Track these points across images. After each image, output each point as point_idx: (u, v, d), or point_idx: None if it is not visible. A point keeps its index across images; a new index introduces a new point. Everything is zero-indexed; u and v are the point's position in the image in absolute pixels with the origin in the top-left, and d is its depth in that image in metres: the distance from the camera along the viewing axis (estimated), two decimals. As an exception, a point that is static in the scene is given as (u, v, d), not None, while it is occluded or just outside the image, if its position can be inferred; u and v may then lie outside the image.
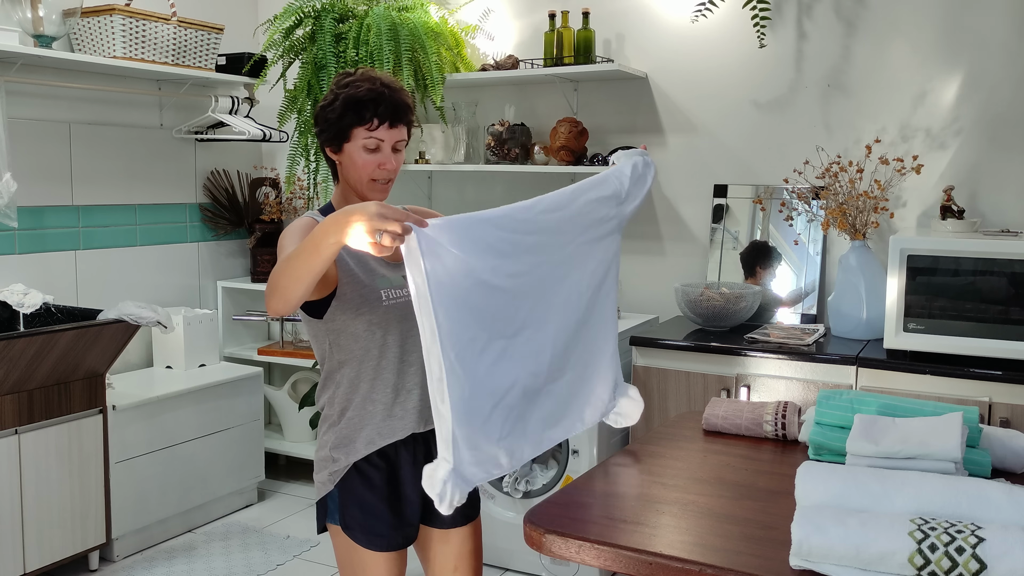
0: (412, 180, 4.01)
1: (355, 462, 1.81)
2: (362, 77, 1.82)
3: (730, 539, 1.43)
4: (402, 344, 1.82)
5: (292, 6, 3.45)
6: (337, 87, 1.82)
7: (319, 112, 1.84)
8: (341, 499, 1.82)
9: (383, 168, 1.81)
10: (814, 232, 3.20)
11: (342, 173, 1.86)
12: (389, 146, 1.81)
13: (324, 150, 1.87)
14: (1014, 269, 2.52)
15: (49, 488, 3.00)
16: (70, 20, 3.35)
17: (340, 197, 1.89)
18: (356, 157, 1.80)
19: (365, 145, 1.79)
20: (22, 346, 2.78)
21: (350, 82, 1.81)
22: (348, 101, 1.78)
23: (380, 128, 1.79)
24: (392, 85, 1.83)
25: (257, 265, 4.16)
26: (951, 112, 3.02)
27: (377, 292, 1.78)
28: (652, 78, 3.48)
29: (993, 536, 1.25)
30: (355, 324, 1.78)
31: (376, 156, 1.80)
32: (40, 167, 3.44)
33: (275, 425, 4.32)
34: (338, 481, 1.82)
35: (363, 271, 1.79)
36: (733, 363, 2.82)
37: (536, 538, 1.48)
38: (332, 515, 1.85)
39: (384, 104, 1.78)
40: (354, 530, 1.82)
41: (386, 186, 1.85)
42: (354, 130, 1.79)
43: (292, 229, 1.75)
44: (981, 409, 2.46)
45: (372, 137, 1.79)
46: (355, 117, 1.78)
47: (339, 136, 1.81)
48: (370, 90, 1.78)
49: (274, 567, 3.24)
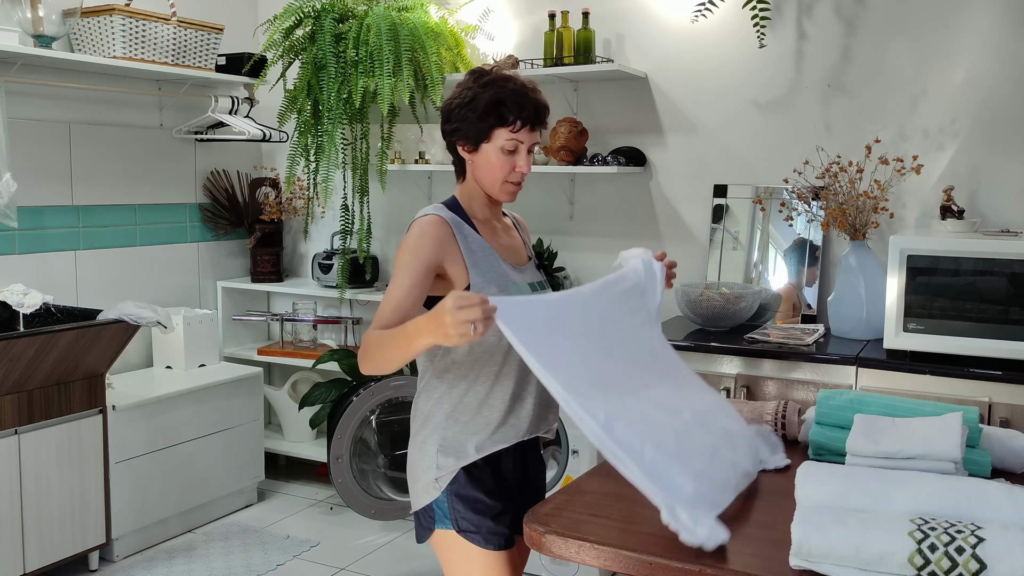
0: (412, 180, 4.01)
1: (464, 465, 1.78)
2: (502, 76, 1.80)
3: (730, 539, 1.43)
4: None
5: (292, 6, 3.45)
6: (477, 85, 1.79)
7: (453, 109, 1.81)
8: (451, 503, 1.77)
9: (518, 170, 1.81)
10: (814, 232, 3.20)
11: (472, 172, 1.84)
12: (526, 148, 1.81)
13: (456, 146, 1.84)
14: (1014, 269, 2.52)
15: (49, 488, 3.00)
16: (70, 20, 3.35)
17: (466, 196, 1.87)
18: (493, 158, 1.79)
19: (504, 147, 1.78)
20: (22, 346, 2.78)
21: (490, 81, 1.79)
22: (492, 101, 1.77)
23: (522, 130, 1.78)
24: (533, 86, 1.82)
25: (257, 265, 4.16)
26: (951, 112, 3.02)
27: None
28: (652, 78, 3.48)
29: (993, 536, 1.25)
30: (481, 342, 1.75)
31: (512, 158, 1.80)
32: (40, 167, 3.44)
33: (275, 425, 4.32)
34: (446, 486, 1.77)
35: (497, 277, 1.79)
36: (733, 363, 2.82)
37: (536, 538, 1.48)
38: (442, 521, 1.79)
39: (528, 106, 1.78)
40: (471, 532, 1.76)
41: (516, 188, 1.84)
42: (496, 131, 1.78)
43: (420, 234, 1.73)
44: (981, 409, 2.45)
45: (513, 139, 1.78)
46: (498, 118, 1.77)
47: (478, 135, 1.79)
48: (514, 91, 1.77)
49: (274, 567, 3.24)
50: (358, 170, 3.65)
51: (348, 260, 3.70)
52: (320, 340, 4.26)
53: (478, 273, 1.77)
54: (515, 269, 1.85)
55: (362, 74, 3.37)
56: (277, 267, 4.19)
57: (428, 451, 1.79)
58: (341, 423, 3.38)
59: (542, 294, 1.65)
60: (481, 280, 1.77)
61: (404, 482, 3.53)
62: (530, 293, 1.83)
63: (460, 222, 1.82)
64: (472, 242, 1.81)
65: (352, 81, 3.39)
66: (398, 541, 3.49)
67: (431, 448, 1.79)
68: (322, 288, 3.95)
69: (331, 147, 3.45)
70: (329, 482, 3.90)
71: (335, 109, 3.42)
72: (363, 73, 3.37)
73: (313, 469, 4.22)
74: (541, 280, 1.94)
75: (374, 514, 3.43)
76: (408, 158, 3.82)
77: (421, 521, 1.83)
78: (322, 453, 3.89)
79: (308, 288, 4.01)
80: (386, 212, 4.09)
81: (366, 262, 3.81)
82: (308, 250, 4.32)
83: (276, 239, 4.21)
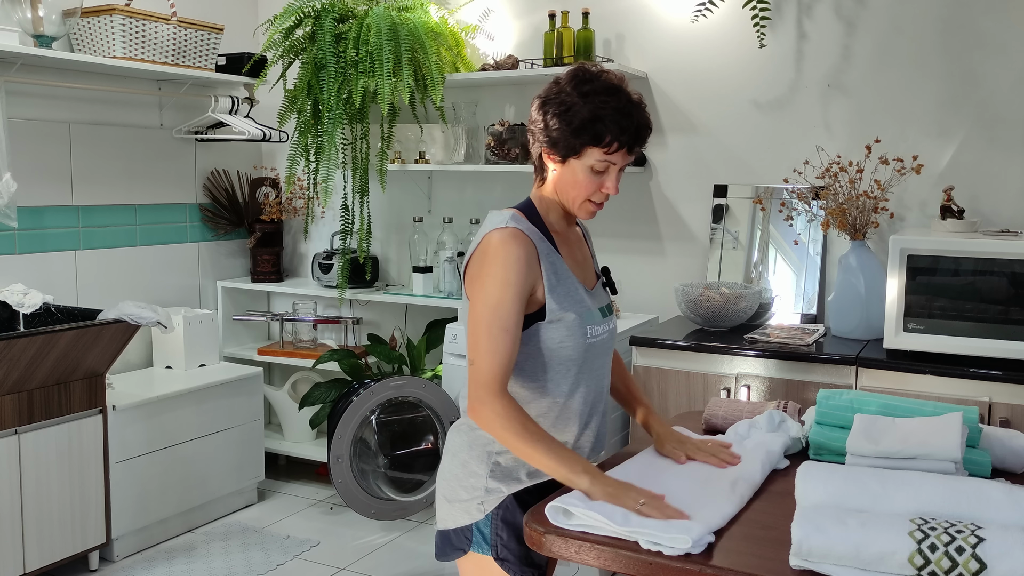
0: (412, 180, 4.01)
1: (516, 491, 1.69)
2: (606, 88, 1.63)
3: (730, 539, 1.43)
4: (597, 390, 1.75)
5: (292, 6, 3.45)
6: (578, 93, 1.63)
7: (545, 111, 1.66)
8: (495, 529, 1.67)
9: (604, 191, 1.67)
10: (814, 232, 3.20)
11: (554, 182, 1.69)
12: (618, 169, 1.66)
13: (539, 150, 1.70)
14: (1014, 269, 2.52)
15: (49, 488, 3.00)
16: (70, 20, 3.35)
17: (544, 204, 1.73)
18: (580, 175, 1.65)
19: (594, 166, 1.64)
20: (22, 346, 2.77)
21: (591, 92, 1.62)
22: (591, 118, 1.60)
23: (617, 153, 1.63)
24: (639, 100, 1.66)
25: (257, 265, 4.16)
26: (951, 112, 3.02)
27: (584, 328, 1.68)
28: (652, 78, 3.48)
29: (993, 536, 1.25)
30: (554, 354, 1.66)
31: (601, 178, 1.65)
32: (40, 167, 3.44)
33: (275, 425, 4.32)
34: (491, 511, 1.68)
35: (574, 304, 1.68)
36: (733, 363, 2.82)
37: (536, 538, 1.48)
38: (479, 545, 1.68)
39: (630, 129, 1.62)
40: (510, 562, 1.67)
41: (598, 208, 1.70)
42: (588, 149, 1.62)
43: (507, 259, 1.60)
44: (981, 409, 2.46)
45: (606, 160, 1.63)
46: (593, 137, 1.61)
47: (568, 150, 1.64)
48: (617, 110, 1.61)
49: (274, 567, 3.24)
50: (358, 170, 3.65)
51: (348, 260, 3.70)
52: (320, 340, 4.26)
53: (555, 299, 1.65)
54: (588, 293, 1.73)
55: (362, 74, 3.37)
56: (277, 267, 4.19)
57: (476, 472, 1.69)
58: (341, 423, 3.37)
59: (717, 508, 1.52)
60: (558, 308, 1.65)
61: (404, 482, 3.53)
62: (600, 319, 1.73)
63: (541, 236, 1.68)
64: (554, 263, 1.68)
65: (352, 81, 3.39)
66: (398, 541, 3.49)
67: (479, 470, 1.69)
68: (322, 288, 3.95)
69: (331, 147, 3.45)
70: (329, 482, 3.90)
71: (335, 109, 3.42)
72: (363, 73, 3.37)
73: (313, 469, 4.22)
74: (609, 303, 1.83)
75: (374, 514, 3.43)
76: (408, 158, 3.82)
77: (451, 541, 1.72)
78: (322, 453, 3.89)
79: (308, 288, 4.01)
80: (386, 212, 4.09)
81: (366, 262, 3.81)
82: (308, 250, 4.32)
83: (276, 239, 4.21)
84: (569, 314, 1.66)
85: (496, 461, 1.69)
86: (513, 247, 1.61)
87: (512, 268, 1.59)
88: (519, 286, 1.59)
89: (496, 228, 1.65)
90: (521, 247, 1.61)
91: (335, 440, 3.38)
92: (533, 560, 1.69)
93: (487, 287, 1.60)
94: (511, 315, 1.58)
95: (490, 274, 1.60)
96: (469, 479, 1.70)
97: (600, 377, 1.77)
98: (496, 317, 1.58)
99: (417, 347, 3.78)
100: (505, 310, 1.58)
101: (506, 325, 1.58)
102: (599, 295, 1.80)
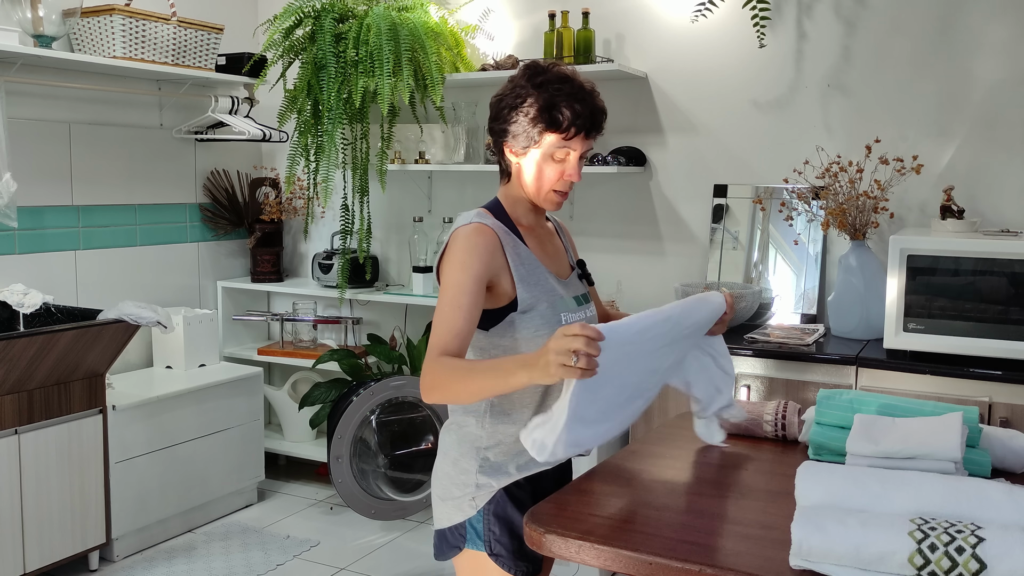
0: (412, 180, 4.01)
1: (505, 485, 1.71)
2: (558, 76, 1.66)
3: (730, 539, 1.43)
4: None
5: (292, 6, 3.45)
6: (531, 85, 1.66)
7: (503, 108, 1.69)
8: (488, 524, 1.69)
9: (566, 179, 1.69)
10: (814, 232, 3.20)
11: (518, 175, 1.73)
12: (578, 155, 1.68)
13: (501, 146, 1.72)
14: (1014, 269, 2.52)
15: (49, 488, 3.00)
16: (70, 20, 3.35)
17: (510, 200, 1.76)
18: (542, 165, 1.68)
19: (554, 154, 1.67)
20: (22, 346, 2.77)
21: (545, 82, 1.65)
22: (546, 105, 1.64)
23: (576, 138, 1.66)
24: (592, 88, 1.68)
25: (257, 265, 4.16)
26: (951, 112, 3.02)
27: (558, 316, 1.69)
28: (652, 78, 3.48)
29: (993, 536, 1.25)
30: (531, 344, 1.66)
31: (562, 166, 1.68)
32: (40, 167, 3.44)
33: (275, 425, 4.32)
34: (482, 506, 1.70)
35: (546, 292, 1.69)
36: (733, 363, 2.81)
37: (536, 538, 1.48)
38: (472, 542, 1.70)
39: (585, 113, 1.65)
40: (503, 556, 1.68)
41: (563, 198, 1.73)
42: (546, 136, 1.65)
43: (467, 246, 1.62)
44: (981, 409, 2.45)
45: (565, 146, 1.66)
46: (550, 124, 1.64)
47: (527, 140, 1.67)
48: (571, 95, 1.64)
49: (274, 567, 3.24)
50: (358, 170, 3.65)
51: (348, 260, 3.70)
52: (320, 340, 4.26)
53: (525, 288, 1.67)
54: (560, 282, 1.75)
55: (362, 74, 3.37)
56: (277, 267, 4.19)
57: (466, 469, 1.71)
58: (341, 423, 3.38)
59: (639, 316, 1.54)
60: (529, 296, 1.67)
61: (404, 482, 3.53)
62: (576, 306, 1.75)
63: (506, 230, 1.71)
64: (520, 254, 1.71)
65: (352, 81, 3.39)
66: (398, 541, 3.49)
67: (469, 466, 1.71)
68: (322, 288, 3.95)
69: (331, 147, 3.45)
70: (329, 482, 3.90)
71: (335, 109, 3.42)
72: (363, 73, 3.37)
73: (313, 469, 4.22)
74: (585, 292, 1.84)
75: (374, 514, 3.43)
76: (408, 158, 3.82)
77: (447, 539, 1.74)
78: (322, 453, 3.89)
79: (308, 288, 4.01)
80: (386, 212, 4.09)
81: (366, 262, 3.81)
82: (308, 250, 4.32)
83: (276, 239, 4.21)
84: (541, 303, 1.68)
85: (485, 456, 1.71)
86: (475, 238, 1.64)
87: (471, 253, 1.62)
88: (476, 269, 1.61)
89: (462, 225, 1.68)
90: (482, 237, 1.65)
91: (335, 440, 3.38)
92: (527, 554, 1.69)
93: (446, 274, 1.63)
94: (465, 294, 1.59)
95: (449, 261, 1.64)
96: (460, 476, 1.72)
97: None
98: (450, 297, 1.60)
99: (417, 347, 3.78)
100: (459, 290, 1.59)
101: (459, 303, 1.59)
102: (573, 284, 1.82)
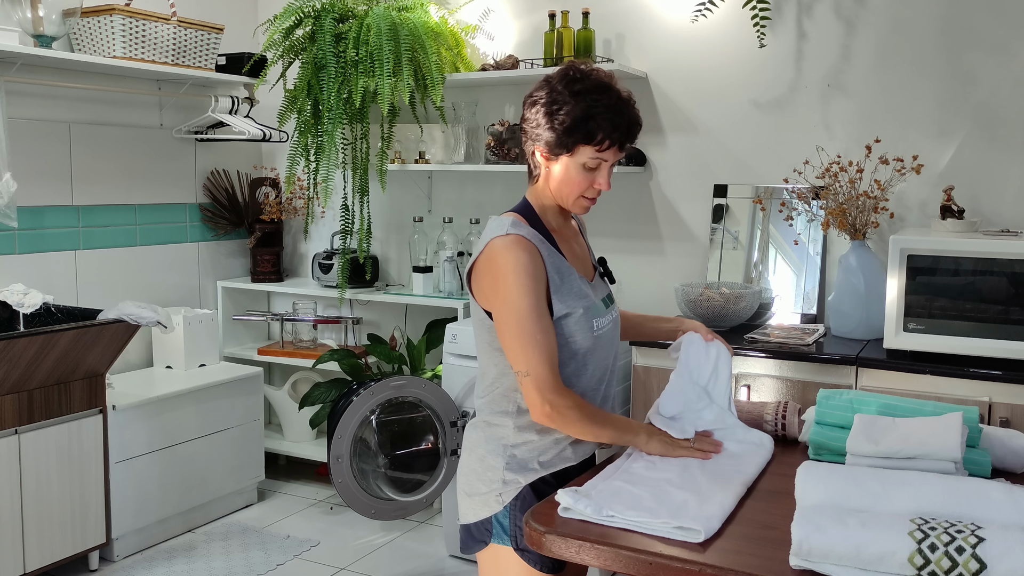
0: (412, 180, 4.01)
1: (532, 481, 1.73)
2: (597, 86, 1.66)
3: (730, 539, 1.43)
4: (602, 374, 1.78)
5: (292, 6, 3.45)
6: (569, 92, 1.66)
7: (538, 112, 1.68)
8: (514, 520, 1.70)
9: (596, 187, 1.71)
10: (814, 232, 3.20)
11: (547, 179, 1.73)
12: (609, 165, 1.70)
13: (532, 148, 1.73)
14: (1014, 269, 2.52)
15: (49, 488, 3.00)
16: (70, 20, 3.35)
17: (539, 203, 1.76)
18: (573, 173, 1.69)
19: (586, 163, 1.68)
20: (22, 346, 2.77)
21: (583, 91, 1.65)
22: (583, 116, 1.64)
23: (609, 150, 1.67)
24: (629, 97, 1.69)
25: (257, 265, 4.16)
26: (951, 112, 3.02)
27: (590, 322, 1.72)
28: (652, 78, 3.48)
29: (993, 536, 1.25)
30: (563, 349, 1.69)
31: (593, 174, 1.69)
32: (40, 167, 3.44)
33: (275, 425, 4.32)
34: (509, 501, 1.71)
35: (578, 299, 1.71)
36: (733, 363, 2.81)
37: (536, 538, 1.48)
38: (499, 536, 1.71)
39: (622, 126, 1.66)
40: (530, 551, 1.66)
41: (591, 203, 1.75)
42: (581, 147, 1.66)
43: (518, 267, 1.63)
44: (981, 409, 2.45)
45: (597, 157, 1.67)
46: (585, 135, 1.65)
47: (560, 147, 1.67)
48: (609, 107, 1.65)
49: (274, 567, 3.24)
50: (358, 170, 3.65)
51: (348, 260, 3.70)
52: (320, 340, 4.26)
53: (560, 299, 1.69)
54: (589, 286, 1.77)
55: (362, 74, 3.37)
56: (277, 267, 4.19)
57: (493, 465, 1.73)
58: (341, 423, 3.37)
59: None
60: (563, 306, 1.69)
61: (404, 482, 3.53)
62: (604, 310, 1.78)
63: (542, 239, 1.71)
64: (556, 263, 1.71)
65: (352, 81, 3.39)
66: (398, 541, 3.49)
67: (496, 463, 1.73)
68: (322, 288, 3.95)
69: (331, 147, 3.45)
70: (329, 482, 3.90)
71: (335, 109, 3.42)
72: (363, 73, 3.37)
73: (313, 469, 4.22)
74: (609, 293, 1.87)
75: (374, 514, 3.43)
76: (408, 158, 3.82)
77: (473, 533, 1.76)
78: (322, 453, 3.89)
79: (308, 288, 4.01)
80: (386, 212, 4.09)
81: (366, 262, 3.81)
82: (308, 250, 4.32)
83: (276, 239, 4.21)
84: (576, 310, 1.70)
85: (512, 454, 1.73)
86: (519, 253, 1.65)
87: (525, 273, 1.64)
88: (537, 289, 1.65)
89: (498, 236, 1.67)
90: (526, 253, 1.65)
91: (335, 440, 3.38)
92: None
93: (512, 300, 1.64)
94: (543, 317, 1.65)
95: (507, 286, 1.64)
96: (487, 472, 1.74)
97: (605, 360, 1.80)
98: (532, 325, 1.63)
99: (417, 347, 3.78)
100: (536, 314, 1.64)
101: (544, 327, 1.64)
102: (599, 286, 1.85)
